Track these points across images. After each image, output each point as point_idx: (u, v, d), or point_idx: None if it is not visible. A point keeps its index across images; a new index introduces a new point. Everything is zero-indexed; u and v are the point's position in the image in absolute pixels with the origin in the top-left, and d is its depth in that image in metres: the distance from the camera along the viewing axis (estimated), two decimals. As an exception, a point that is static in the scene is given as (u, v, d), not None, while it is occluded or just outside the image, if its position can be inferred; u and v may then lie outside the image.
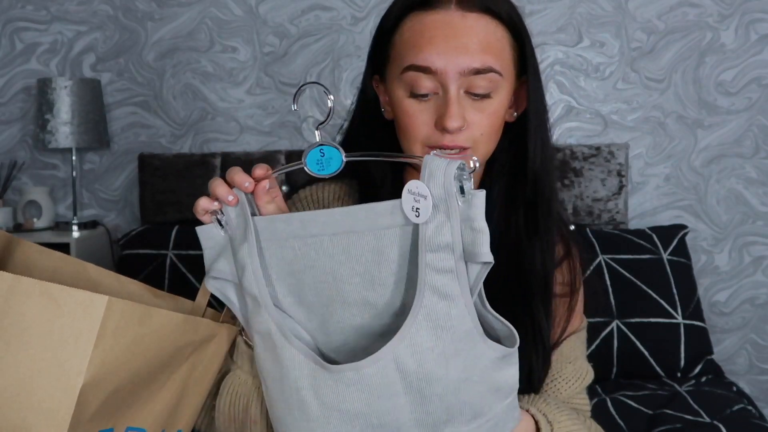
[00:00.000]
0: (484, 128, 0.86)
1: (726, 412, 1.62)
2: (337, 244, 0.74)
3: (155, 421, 0.76)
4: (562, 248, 0.97)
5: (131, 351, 0.69)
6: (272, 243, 0.78)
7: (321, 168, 0.77)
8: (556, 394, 0.94)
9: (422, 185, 0.69)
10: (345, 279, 0.75)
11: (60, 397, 0.65)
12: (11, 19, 2.43)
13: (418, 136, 0.86)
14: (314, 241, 0.75)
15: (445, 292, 0.69)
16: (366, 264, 0.74)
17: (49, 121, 2.21)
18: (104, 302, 0.65)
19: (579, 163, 2.21)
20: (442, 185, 0.69)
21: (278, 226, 0.77)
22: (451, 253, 0.69)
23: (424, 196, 0.69)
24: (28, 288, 0.66)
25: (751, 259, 2.29)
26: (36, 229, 2.31)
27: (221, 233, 0.80)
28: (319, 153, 0.77)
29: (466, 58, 0.83)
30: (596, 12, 2.29)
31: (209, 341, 0.81)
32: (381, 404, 0.72)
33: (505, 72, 0.86)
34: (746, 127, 2.27)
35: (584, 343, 1.00)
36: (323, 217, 0.74)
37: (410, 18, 0.87)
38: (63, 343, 0.65)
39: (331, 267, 0.75)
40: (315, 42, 2.35)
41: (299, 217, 0.76)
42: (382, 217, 0.72)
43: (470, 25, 0.84)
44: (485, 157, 0.90)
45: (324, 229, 0.74)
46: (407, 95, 0.86)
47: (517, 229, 0.92)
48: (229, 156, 2.26)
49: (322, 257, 0.75)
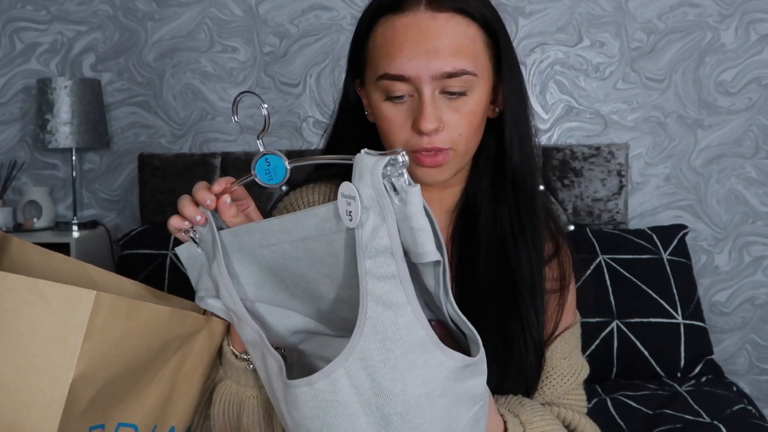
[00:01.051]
0: (462, 128, 0.85)
1: (726, 412, 1.62)
2: (298, 249, 0.72)
3: (146, 417, 0.76)
4: (551, 245, 0.96)
5: (120, 345, 0.68)
6: (244, 253, 0.77)
7: (270, 178, 0.76)
8: (551, 391, 0.94)
9: (350, 186, 0.64)
10: (317, 279, 0.74)
11: (50, 393, 0.65)
12: (11, 19, 2.43)
13: (397, 140, 0.86)
14: (277, 248, 0.74)
15: (389, 301, 0.64)
16: (329, 266, 0.72)
17: (49, 121, 2.22)
18: (92, 297, 0.65)
19: (579, 163, 2.21)
20: (371, 185, 0.64)
21: (243, 237, 0.76)
22: (391, 257, 0.64)
23: (353, 198, 0.64)
24: (15, 285, 0.65)
25: (751, 259, 2.29)
26: (36, 229, 2.31)
27: (198, 250, 0.80)
28: (266, 162, 0.75)
29: (438, 62, 0.82)
30: (596, 12, 2.29)
31: (197, 334, 0.80)
32: (340, 424, 0.67)
33: (481, 71, 0.86)
34: (746, 127, 2.27)
35: (578, 338, 1.00)
36: (277, 226, 0.73)
37: (381, 23, 0.87)
38: (52, 339, 0.65)
39: (301, 270, 0.74)
40: (315, 42, 2.35)
41: (258, 227, 0.75)
42: (327, 222, 0.69)
43: (440, 27, 0.83)
44: (468, 156, 0.89)
45: (281, 237, 0.73)
46: (384, 99, 0.86)
47: (503, 225, 0.92)
48: (229, 156, 2.26)
49: (290, 262, 0.74)
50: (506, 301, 0.90)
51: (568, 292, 0.96)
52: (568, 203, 2.21)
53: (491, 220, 0.93)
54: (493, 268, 0.91)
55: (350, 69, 0.95)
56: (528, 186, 0.92)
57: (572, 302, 0.99)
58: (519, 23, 2.31)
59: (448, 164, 0.87)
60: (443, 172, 0.87)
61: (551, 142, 2.32)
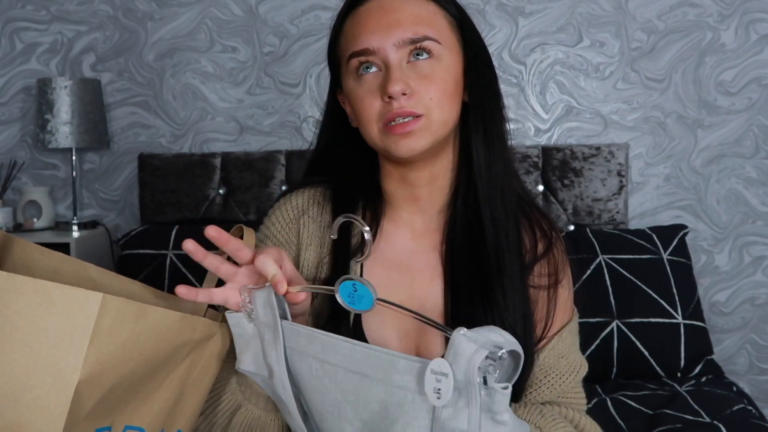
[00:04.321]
0: (432, 92, 0.87)
1: (726, 412, 1.62)
2: (350, 382, 0.72)
3: (154, 421, 0.76)
4: (542, 244, 0.96)
5: (127, 349, 0.68)
6: (294, 352, 0.77)
7: (352, 301, 0.75)
8: (550, 390, 0.93)
9: (444, 363, 0.64)
10: (348, 419, 0.73)
11: (56, 395, 0.65)
12: (11, 19, 2.43)
13: (371, 116, 0.88)
14: (330, 369, 0.73)
15: None
16: (371, 414, 0.71)
17: (49, 121, 2.21)
18: (99, 299, 0.65)
19: (579, 163, 2.21)
20: (464, 372, 0.64)
21: (301, 340, 0.75)
22: None
23: (446, 375, 0.64)
24: (21, 286, 0.65)
25: (751, 259, 2.29)
26: (36, 229, 2.31)
27: (250, 324, 0.80)
28: (352, 287, 0.75)
29: (399, 30, 0.86)
30: (596, 12, 2.29)
31: (207, 340, 0.80)
32: None
33: (445, 42, 0.89)
34: (746, 127, 2.27)
35: (576, 336, 0.99)
36: (344, 349, 0.72)
37: (349, 18, 0.92)
38: (58, 341, 0.65)
39: (340, 402, 0.73)
40: (315, 42, 2.35)
41: (322, 340, 0.74)
42: (400, 375, 0.68)
43: (401, 3, 0.88)
44: (443, 126, 0.89)
45: (341, 361, 0.72)
46: (355, 80, 0.89)
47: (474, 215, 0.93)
48: (229, 156, 2.26)
49: (334, 389, 0.73)
50: (476, 289, 0.89)
51: (560, 288, 0.96)
52: (568, 203, 2.21)
53: (464, 218, 0.94)
54: (468, 257, 0.92)
55: (332, 77, 0.98)
56: (498, 176, 0.92)
57: (567, 300, 0.98)
58: (519, 23, 2.31)
59: (422, 132, 0.87)
60: (418, 140, 0.87)
61: (551, 142, 2.32)
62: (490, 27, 2.30)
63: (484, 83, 0.93)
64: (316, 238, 0.97)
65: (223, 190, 2.27)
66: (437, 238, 0.96)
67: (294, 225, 0.98)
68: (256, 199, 2.25)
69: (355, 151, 0.98)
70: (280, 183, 2.25)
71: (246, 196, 2.25)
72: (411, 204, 0.97)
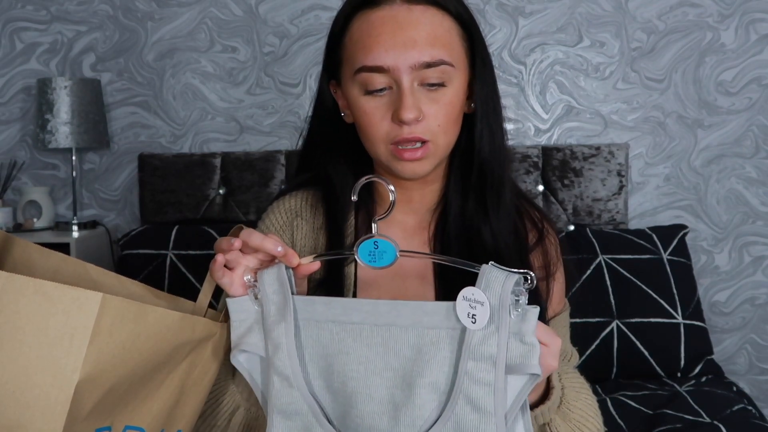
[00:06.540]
0: (440, 119, 0.86)
1: (726, 412, 1.62)
2: (377, 335, 0.74)
3: (154, 420, 0.76)
4: (534, 233, 0.97)
5: (127, 348, 0.68)
6: (309, 323, 0.77)
7: (372, 260, 0.78)
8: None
9: (479, 292, 0.70)
10: (377, 371, 0.74)
11: (55, 395, 0.65)
12: (11, 19, 2.43)
13: (378, 134, 0.87)
14: (354, 328, 0.75)
15: (479, 405, 0.69)
16: (403, 360, 0.73)
17: (49, 121, 2.22)
18: (98, 299, 0.65)
19: (579, 163, 2.21)
20: (499, 296, 0.69)
21: (318, 308, 0.77)
22: (493, 366, 0.69)
23: (481, 303, 0.69)
24: (21, 286, 0.65)
25: (751, 259, 2.29)
26: (36, 229, 2.31)
27: (255, 307, 0.80)
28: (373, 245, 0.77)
29: (415, 52, 0.84)
30: (596, 12, 2.29)
31: (207, 340, 0.80)
32: None
33: (457, 63, 0.87)
34: (746, 127, 2.27)
35: (567, 327, 1.00)
36: (367, 306, 0.74)
37: (358, 18, 0.88)
38: (58, 341, 0.65)
39: (367, 357, 0.75)
40: (315, 42, 2.35)
41: (341, 302, 0.76)
42: (429, 316, 0.72)
43: (416, 18, 0.85)
44: (446, 149, 0.90)
45: (366, 318, 0.74)
46: (362, 93, 0.87)
47: (470, 216, 0.93)
48: (229, 156, 2.26)
49: (360, 346, 0.75)
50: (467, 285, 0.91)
51: (554, 280, 0.97)
52: (568, 203, 2.21)
53: (460, 213, 0.94)
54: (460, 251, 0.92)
55: (325, 69, 0.96)
56: (496, 176, 0.93)
57: (560, 290, 0.99)
58: (519, 23, 2.31)
59: (428, 157, 0.88)
60: (423, 166, 0.88)
61: (551, 142, 2.32)
62: (490, 27, 2.30)
63: (487, 93, 0.92)
64: (310, 240, 0.97)
65: (223, 190, 2.27)
66: (428, 236, 0.97)
67: (288, 228, 0.98)
68: (256, 199, 2.25)
69: (346, 144, 0.97)
70: (280, 183, 2.25)
71: (246, 196, 2.25)
72: (404, 204, 0.97)
